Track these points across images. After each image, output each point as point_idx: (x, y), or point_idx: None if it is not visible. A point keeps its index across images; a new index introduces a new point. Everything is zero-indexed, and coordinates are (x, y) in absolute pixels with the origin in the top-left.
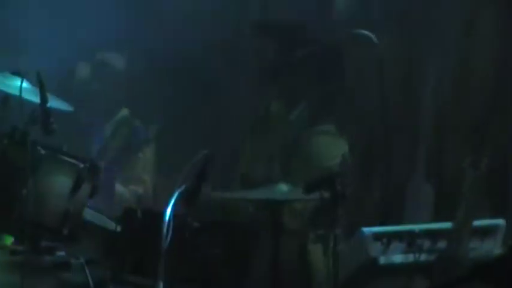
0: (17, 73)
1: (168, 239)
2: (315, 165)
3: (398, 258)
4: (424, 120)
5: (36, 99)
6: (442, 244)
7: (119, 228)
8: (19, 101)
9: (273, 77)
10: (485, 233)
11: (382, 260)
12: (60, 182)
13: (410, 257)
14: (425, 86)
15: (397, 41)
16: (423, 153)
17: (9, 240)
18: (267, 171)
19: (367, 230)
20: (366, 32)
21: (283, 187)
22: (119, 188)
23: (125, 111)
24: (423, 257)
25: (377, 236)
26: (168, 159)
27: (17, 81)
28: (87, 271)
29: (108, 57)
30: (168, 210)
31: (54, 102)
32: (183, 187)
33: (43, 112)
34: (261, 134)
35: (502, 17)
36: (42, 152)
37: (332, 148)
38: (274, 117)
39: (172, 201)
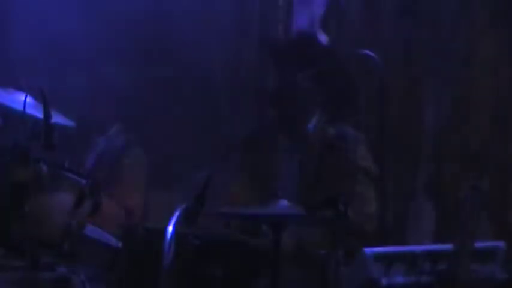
0: (20, 88)
1: (170, 257)
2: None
3: (400, 279)
4: (425, 142)
5: (39, 114)
6: (443, 266)
7: (120, 245)
8: (22, 116)
9: (274, 100)
10: (486, 255)
11: (384, 281)
12: (62, 198)
13: (412, 279)
14: (426, 107)
15: (399, 64)
16: (424, 174)
17: None
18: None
19: (368, 250)
20: (369, 53)
21: (284, 203)
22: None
23: (118, 126)
24: (424, 278)
25: (379, 257)
26: (160, 174)
27: (20, 97)
28: None
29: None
30: (170, 228)
31: (56, 118)
32: (184, 205)
33: (46, 128)
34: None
35: (502, 44)
36: (44, 168)
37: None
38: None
39: (175, 219)
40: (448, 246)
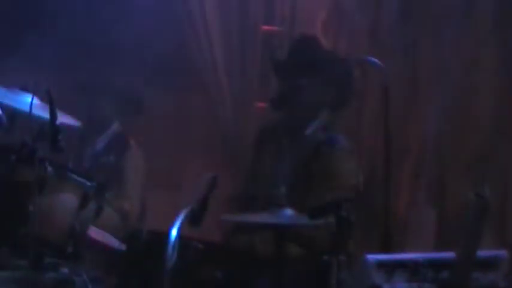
0: (26, 89)
1: (173, 260)
2: (339, 182)
3: (402, 286)
4: (427, 148)
5: (44, 115)
6: (445, 274)
7: (123, 247)
8: (28, 117)
9: (277, 104)
10: (488, 264)
11: None
12: (67, 200)
13: (414, 286)
14: (428, 114)
15: (402, 69)
16: (426, 181)
17: None
18: (273, 194)
19: (371, 257)
20: (374, 59)
21: (288, 212)
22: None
23: (117, 125)
24: (427, 286)
25: (381, 264)
26: (159, 174)
27: (26, 97)
28: None
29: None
30: (174, 232)
31: (62, 118)
32: (188, 208)
33: (52, 129)
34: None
35: (504, 50)
36: (50, 169)
37: (354, 165)
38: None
39: (178, 223)
40: (450, 255)
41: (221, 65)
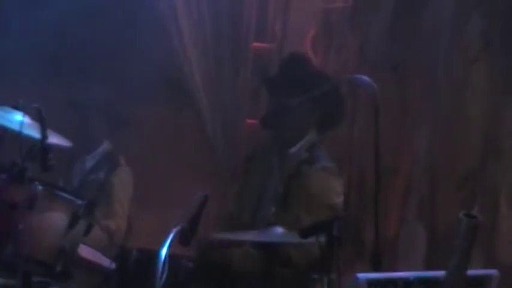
0: (17, 108)
1: (163, 279)
2: (316, 202)
3: None
4: (417, 167)
5: (35, 134)
6: None
7: (113, 266)
8: (18, 136)
9: (267, 123)
10: (479, 282)
11: None
12: (56, 218)
13: None
14: (419, 133)
15: (392, 88)
16: (416, 200)
17: None
18: (260, 212)
19: (361, 276)
20: (364, 77)
21: (279, 230)
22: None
23: (107, 144)
24: None
25: (372, 283)
26: (145, 192)
27: (17, 116)
28: None
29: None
30: (164, 251)
31: (53, 138)
32: (178, 227)
33: (42, 148)
34: (253, 173)
35: (494, 70)
36: (40, 187)
37: (334, 185)
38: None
39: (168, 241)
40: (440, 273)
41: (211, 82)
